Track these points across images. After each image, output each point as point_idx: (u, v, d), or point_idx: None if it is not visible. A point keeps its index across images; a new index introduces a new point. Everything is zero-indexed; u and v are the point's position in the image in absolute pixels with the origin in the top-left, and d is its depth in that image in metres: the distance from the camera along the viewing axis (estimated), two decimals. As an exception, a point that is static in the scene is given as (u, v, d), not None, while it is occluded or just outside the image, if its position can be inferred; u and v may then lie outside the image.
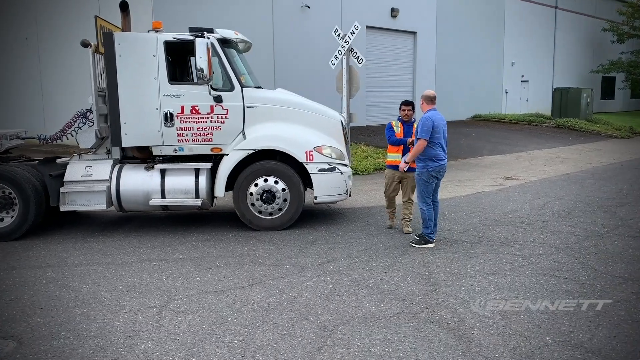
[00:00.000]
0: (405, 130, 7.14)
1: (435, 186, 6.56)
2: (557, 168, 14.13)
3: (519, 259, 5.93)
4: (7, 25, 16.83)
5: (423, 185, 6.48)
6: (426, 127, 6.28)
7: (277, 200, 7.43)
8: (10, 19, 16.79)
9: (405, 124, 7.17)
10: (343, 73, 12.35)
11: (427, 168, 6.42)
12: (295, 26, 19.31)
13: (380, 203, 9.24)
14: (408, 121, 7.17)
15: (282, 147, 7.37)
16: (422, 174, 6.47)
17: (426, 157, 6.40)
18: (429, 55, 25.18)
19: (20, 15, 16.62)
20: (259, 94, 7.60)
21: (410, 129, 7.11)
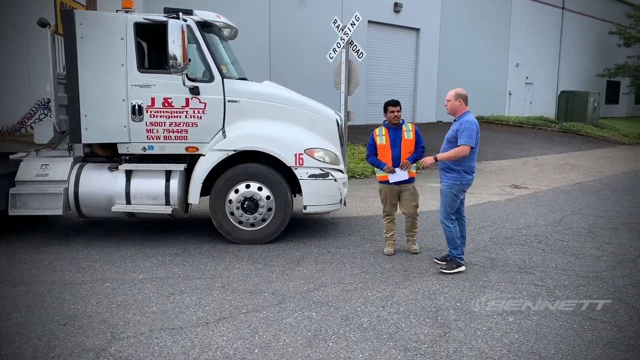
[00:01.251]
0: (392, 137, 6.00)
1: (461, 200, 5.60)
2: (567, 176, 13.17)
3: (542, 292, 4.95)
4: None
5: (451, 200, 5.50)
6: (473, 133, 5.30)
7: (261, 209, 6.44)
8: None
9: (392, 129, 6.02)
10: (342, 67, 11.36)
11: (461, 180, 5.45)
12: (294, 17, 18.29)
13: (379, 212, 8.26)
14: (396, 125, 6.03)
15: (267, 148, 6.38)
16: (453, 186, 5.48)
17: (462, 167, 5.43)
18: (432, 53, 24.19)
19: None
20: (243, 86, 6.60)
21: (399, 135, 5.98)
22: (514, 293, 4.93)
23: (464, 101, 5.44)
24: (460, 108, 5.45)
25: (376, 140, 6.06)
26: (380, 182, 6.14)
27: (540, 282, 5.22)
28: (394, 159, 5.93)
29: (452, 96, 5.48)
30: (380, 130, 6.09)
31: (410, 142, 5.95)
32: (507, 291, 4.98)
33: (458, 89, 5.54)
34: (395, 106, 5.96)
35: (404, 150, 5.92)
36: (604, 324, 4.27)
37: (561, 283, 5.21)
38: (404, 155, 5.91)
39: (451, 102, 5.49)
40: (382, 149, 5.99)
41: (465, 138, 5.26)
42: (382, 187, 6.13)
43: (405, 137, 5.96)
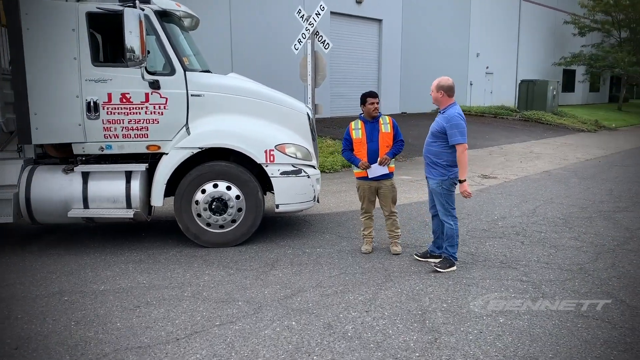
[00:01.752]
0: (368, 130, 5.69)
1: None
2: (534, 165, 13.23)
3: (529, 288, 4.77)
4: None
5: (447, 196, 5.24)
6: (464, 129, 5.05)
7: (230, 210, 6.07)
8: None
9: (369, 123, 5.72)
10: (307, 59, 11.03)
11: (448, 175, 5.19)
12: (255, 8, 17.78)
13: (353, 207, 8.02)
14: (374, 117, 5.72)
15: (236, 145, 6.01)
16: (443, 182, 5.22)
17: (447, 162, 5.17)
18: (395, 44, 24.08)
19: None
20: (207, 79, 6.20)
21: (375, 128, 5.67)
22: (500, 290, 4.73)
23: (447, 93, 5.18)
24: (444, 100, 5.20)
25: (352, 134, 5.76)
26: (358, 179, 5.86)
27: (525, 278, 5.04)
28: (370, 153, 5.65)
29: (434, 87, 5.23)
30: (356, 123, 5.80)
31: (388, 136, 5.68)
32: (492, 289, 4.77)
33: (442, 78, 5.27)
34: (374, 98, 5.68)
35: (381, 144, 5.65)
36: (597, 321, 4.10)
37: (546, 278, 5.05)
38: (382, 150, 5.64)
39: (433, 93, 5.24)
40: (358, 143, 5.70)
41: (458, 136, 5.01)
42: (360, 183, 5.85)
43: (383, 130, 5.68)
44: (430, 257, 5.58)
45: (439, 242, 5.54)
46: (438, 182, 5.19)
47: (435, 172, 5.20)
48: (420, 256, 5.62)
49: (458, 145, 5.01)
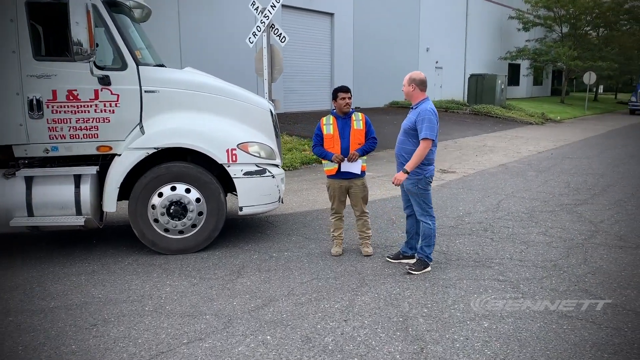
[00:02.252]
0: (341, 126, 5.42)
1: None
2: (489, 158, 13.35)
3: (508, 288, 4.65)
4: None
5: (423, 195, 5.02)
6: (433, 124, 4.81)
7: (190, 214, 5.69)
8: None
9: (340, 119, 5.45)
10: (263, 53, 10.67)
11: (423, 174, 4.96)
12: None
13: (316, 206, 7.76)
14: (346, 113, 5.46)
15: (195, 144, 5.63)
16: (419, 182, 4.98)
17: (423, 161, 4.93)
18: (347, 39, 23.96)
19: None
20: (162, 74, 5.78)
21: (347, 125, 5.41)
22: (479, 292, 4.58)
23: (419, 87, 4.97)
24: (416, 94, 4.99)
25: (323, 129, 5.49)
26: (328, 177, 5.59)
27: (502, 277, 4.92)
28: (342, 151, 5.39)
29: (406, 81, 5.00)
30: (327, 119, 5.53)
31: (360, 133, 5.43)
32: (471, 290, 4.62)
33: (414, 72, 5.06)
34: (346, 92, 5.41)
35: (353, 141, 5.40)
36: (581, 321, 4.00)
37: (523, 276, 4.94)
38: (353, 147, 5.39)
39: (405, 87, 5.02)
40: (330, 139, 5.43)
41: (426, 130, 4.78)
42: (330, 182, 5.58)
43: (355, 127, 5.43)
44: (402, 258, 5.39)
45: (412, 242, 5.36)
46: (414, 182, 4.98)
47: (410, 172, 4.99)
48: (392, 258, 5.42)
49: (424, 140, 4.79)
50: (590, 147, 15.53)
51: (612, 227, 6.58)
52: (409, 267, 5.08)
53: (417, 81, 4.95)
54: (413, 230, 5.33)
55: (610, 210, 7.48)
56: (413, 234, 5.34)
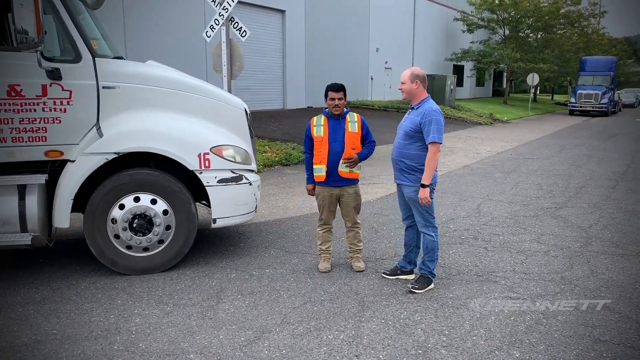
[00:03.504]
0: (332, 128, 4.85)
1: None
2: (452, 159, 13.14)
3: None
4: None
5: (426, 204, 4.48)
6: (441, 126, 4.32)
7: (156, 228, 4.96)
8: None
9: (333, 119, 4.88)
10: (222, 48, 9.93)
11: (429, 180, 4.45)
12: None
13: (289, 214, 7.15)
14: (339, 115, 4.90)
15: (162, 148, 4.90)
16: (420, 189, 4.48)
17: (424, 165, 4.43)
18: (299, 36, 23.37)
19: None
20: (123, 67, 5.01)
21: (340, 127, 4.84)
22: (495, 312, 4.11)
23: (422, 83, 4.47)
24: (419, 92, 4.48)
25: (312, 131, 4.90)
26: (317, 184, 5.01)
27: (513, 294, 4.49)
28: (332, 155, 4.82)
29: (407, 77, 4.48)
30: (318, 119, 4.94)
31: (355, 136, 4.87)
32: (486, 311, 4.14)
33: (415, 68, 4.55)
34: (337, 92, 4.83)
35: (347, 146, 4.83)
36: (620, 347, 3.60)
37: (534, 292, 4.53)
38: (347, 152, 4.82)
39: (406, 85, 4.49)
40: (319, 142, 4.85)
41: (434, 133, 4.28)
42: (319, 190, 5.00)
43: (350, 130, 4.87)
44: (400, 273, 4.89)
45: (412, 256, 4.86)
46: (416, 190, 4.46)
47: (412, 177, 4.48)
48: (389, 274, 4.90)
49: (433, 144, 4.30)
50: (545, 148, 15.64)
51: (603, 233, 6.32)
52: (412, 286, 4.56)
53: (421, 77, 4.45)
54: (413, 243, 4.84)
55: (593, 214, 7.27)
56: (413, 247, 4.84)
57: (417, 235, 4.79)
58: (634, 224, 6.73)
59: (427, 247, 4.58)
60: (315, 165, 4.91)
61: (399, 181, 4.60)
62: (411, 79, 4.43)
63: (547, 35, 40.01)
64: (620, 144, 16.41)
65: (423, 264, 4.63)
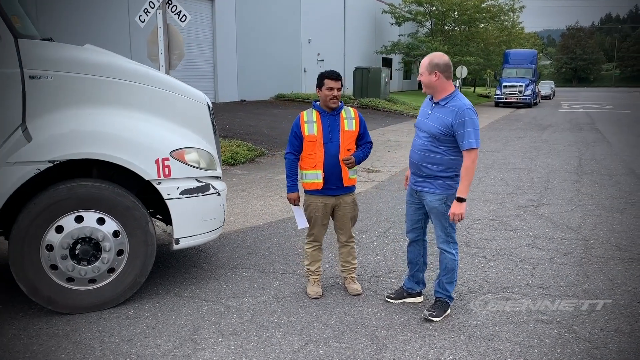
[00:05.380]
0: (327, 125, 4.03)
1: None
2: (404, 154, 12.63)
3: (566, 335, 3.59)
4: None
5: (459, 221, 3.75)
6: (478, 128, 3.59)
7: (105, 254, 3.94)
8: None
9: (327, 115, 4.06)
10: (158, 34, 8.79)
11: (456, 187, 3.73)
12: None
13: (249, 223, 6.30)
14: (334, 109, 4.07)
15: (110, 154, 3.87)
16: (448, 198, 3.75)
17: (457, 172, 3.72)
18: (229, 27, 22.20)
19: None
20: (54, 52, 3.91)
21: (336, 124, 4.03)
22: (539, 346, 3.46)
23: (444, 74, 3.67)
24: (442, 85, 3.70)
25: (303, 129, 4.05)
26: (308, 192, 4.18)
27: (544, 316, 3.87)
28: (329, 158, 4.01)
29: (424, 67, 3.70)
30: (309, 114, 4.09)
31: (351, 135, 4.08)
32: (525, 345, 3.48)
33: (434, 55, 3.74)
34: (336, 81, 3.99)
35: (343, 147, 4.03)
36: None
37: (565, 310, 3.94)
38: (343, 154, 4.02)
39: (424, 76, 3.71)
40: (312, 142, 4.02)
41: (472, 137, 3.56)
42: (311, 199, 4.16)
43: (346, 128, 4.06)
44: (407, 296, 4.17)
45: (420, 275, 4.16)
46: (442, 198, 3.75)
47: (439, 183, 3.74)
48: (394, 297, 4.16)
49: (470, 150, 3.58)
50: (490, 140, 15.53)
51: (597, 234, 5.91)
52: (429, 313, 3.84)
53: (442, 66, 3.67)
54: (420, 260, 4.13)
55: (575, 212, 6.90)
56: (420, 264, 4.14)
57: (423, 251, 4.11)
58: (621, 222, 6.39)
59: (446, 267, 3.87)
60: (308, 170, 4.08)
61: (419, 187, 3.84)
62: (429, 69, 3.67)
63: (471, 29, 40.85)
64: (558, 135, 16.63)
65: (439, 286, 3.93)
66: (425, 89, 3.76)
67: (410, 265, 4.16)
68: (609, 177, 9.24)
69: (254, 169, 10.17)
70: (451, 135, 3.61)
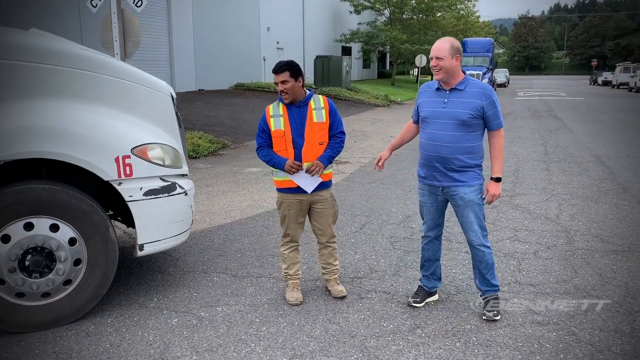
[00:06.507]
0: (294, 119, 3.69)
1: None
2: (370, 144, 12.48)
3: (565, 337, 3.39)
4: None
5: (482, 206, 3.61)
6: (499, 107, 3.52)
7: (60, 265, 3.51)
8: None
9: (293, 107, 3.71)
10: (112, 20, 8.22)
11: (482, 176, 3.60)
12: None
13: (216, 221, 5.93)
14: (294, 102, 3.71)
15: (63, 152, 3.43)
16: (481, 187, 3.59)
17: (482, 158, 3.59)
18: (186, 15, 21.47)
19: None
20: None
21: (303, 116, 3.70)
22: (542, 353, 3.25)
23: (460, 55, 3.45)
24: (458, 70, 3.48)
25: (269, 122, 3.71)
26: (280, 190, 3.84)
27: (539, 317, 3.66)
28: (298, 155, 3.70)
29: (446, 51, 3.39)
30: (275, 107, 3.74)
31: (322, 127, 3.74)
32: (523, 351, 3.27)
33: (452, 39, 3.49)
34: (279, 73, 3.62)
35: (311, 141, 3.70)
36: None
37: (560, 310, 3.74)
38: (313, 148, 3.70)
39: (446, 60, 3.39)
40: (280, 138, 3.69)
41: (501, 116, 3.49)
42: (283, 197, 3.85)
43: (315, 120, 3.72)
44: (428, 295, 3.94)
45: (438, 272, 3.97)
46: (476, 189, 3.55)
47: (470, 175, 3.53)
48: (419, 302, 3.86)
49: (500, 129, 3.53)
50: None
51: (576, 225, 5.79)
52: (492, 314, 3.62)
53: (461, 51, 3.46)
54: (439, 257, 3.94)
55: (550, 201, 6.79)
56: (438, 260, 3.94)
57: (440, 245, 3.91)
58: (597, 211, 6.31)
59: (487, 264, 3.65)
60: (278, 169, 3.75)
61: (448, 183, 3.56)
62: (452, 53, 3.38)
63: (428, 18, 40.97)
64: (519, 123, 16.74)
65: (485, 284, 3.71)
66: (442, 75, 3.45)
67: (428, 263, 3.91)
68: (577, 165, 9.25)
69: (217, 162, 9.73)
70: (480, 118, 3.46)
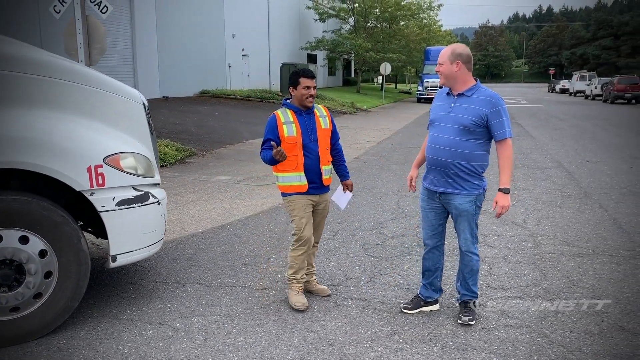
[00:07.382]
0: (305, 124, 3.82)
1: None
2: (338, 151, 12.47)
3: (537, 339, 3.47)
4: None
5: (477, 216, 3.69)
6: (509, 117, 3.53)
7: (30, 278, 3.41)
8: None
9: (303, 114, 3.83)
10: (76, 26, 8.06)
11: (483, 186, 3.65)
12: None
13: (186, 230, 5.87)
14: (309, 108, 3.84)
15: (33, 162, 3.34)
16: (477, 198, 3.63)
17: (483, 168, 3.62)
18: (149, 22, 21.26)
19: None
20: (-41, 43, 3.34)
21: (312, 123, 3.84)
22: (517, 355, 3.32)
23: (466, 65, 3.49)
24: (462, 76, 3.51)
25: (282, 130, 3.77)
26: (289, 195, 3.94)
27: (512, 320, 3.74)
28: (310, 159, 3.84)
29: (446, 57, 3.49)
30: (285, 114, 3.84)
31: (327, 134, 3.96)
32: (499, 354, 3.34)
33: (457, 45, 3.57)
34: (313, 79, 3.81)
35: (323, 146, 3.89)
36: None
37: (531, 313, 3.84)
38: (325, 153, 3.91)
39: (445, 66, 3.49)
40: (292, 144, 3.78)
41: (508, 127, 3.49)
42: (294, 200, 3.91)
43: (323, 126, 3.90)
44: (424, 304, 3.96)
45: (437, 282, 3.98)
46: (472, 199, 3.59)
47: (466, 184, 3.57)
48: (411, 308, 3.90)
49: (506, 140, 3.49)
50: (420, 136, 15.69)
51: (542, 229, 5.95)
52: (467, 319, 3.67)
53: (464, 57, 3.48)
54: (439, 266, 3.95)
55: (516, 207, 6.93)
56: (439, 270, 3.96)
57: (442, 256, 3.95)
58: (562, 216, 6.51)
59: (472, 269, 3.73)
60: (287, 172, 3.86)
61: (444, 189, 3.61)
62: (451, 59, 3.46)
63: (392, 26, 41.58)
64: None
65: (465, 289, 3.78)
66: (443, 80, 3.54)
67: (428, 273, 3.93)
68: (540, 171, 9.51)
69: (185, 171, 9.62)
70: (484, 126, 3.48)
